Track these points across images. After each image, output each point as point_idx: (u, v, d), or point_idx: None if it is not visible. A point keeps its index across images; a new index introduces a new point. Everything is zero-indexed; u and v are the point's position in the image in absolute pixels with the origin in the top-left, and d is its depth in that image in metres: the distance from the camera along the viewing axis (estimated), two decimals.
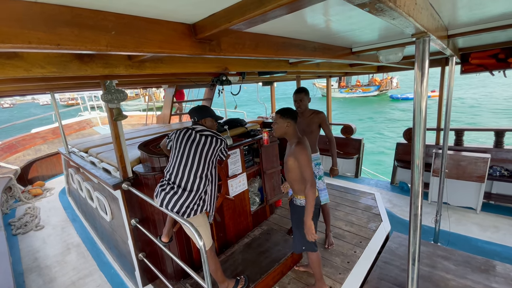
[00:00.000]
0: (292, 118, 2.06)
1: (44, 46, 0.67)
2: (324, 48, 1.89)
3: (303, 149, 1.96)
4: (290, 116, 2.05)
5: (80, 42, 0.73)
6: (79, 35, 0.73)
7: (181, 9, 0.84)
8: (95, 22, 0.75)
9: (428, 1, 1.06)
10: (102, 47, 0.77)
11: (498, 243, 3.15)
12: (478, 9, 1.37)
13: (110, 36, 0.79)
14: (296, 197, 2.19)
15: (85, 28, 0.74)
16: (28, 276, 3.24)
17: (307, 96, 2.81)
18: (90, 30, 0.75)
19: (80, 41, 0.73)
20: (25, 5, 0.66)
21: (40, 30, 0.67)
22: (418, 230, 1.32)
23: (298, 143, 2.01)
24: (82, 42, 0.73)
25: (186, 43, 0.99)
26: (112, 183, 2.44)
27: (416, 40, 1.14)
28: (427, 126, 1.28)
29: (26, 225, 4.39)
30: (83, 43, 0.73)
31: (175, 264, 2.65)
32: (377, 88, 27.79)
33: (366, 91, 28.10)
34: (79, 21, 0.72)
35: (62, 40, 0.69)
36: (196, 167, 1.94)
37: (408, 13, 0.76)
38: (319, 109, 2.89)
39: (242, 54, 1.23)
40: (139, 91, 18.61)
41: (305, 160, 1.94)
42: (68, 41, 0.71)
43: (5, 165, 5.86)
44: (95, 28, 0.76)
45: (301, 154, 1.95)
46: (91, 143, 3.97)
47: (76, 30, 0.72)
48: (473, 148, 4.13)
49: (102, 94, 2.16)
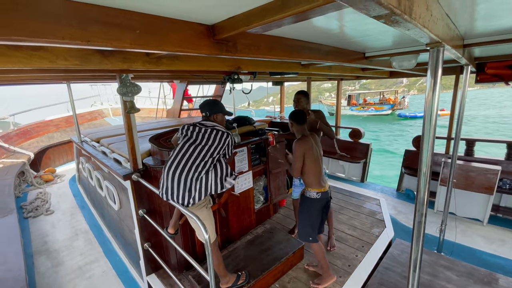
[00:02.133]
0: (293, 119, 2.38)
1: (76, 42, 0.72)
2: (338, 52, 1.90)
3: (296, 144, 2.27)
4: (292, 118, 2.40)
5: (107, 39, 0.77)
6: (107, 33, 0.77)
7: (202, 10, 0.88)
8: (122, 20, 0.80)
9: (444, 11, 1.06)
10: (127, 45, 0.82)
11: (503, 257, 3.11)
12: (494, 20, 1.37)
13: (135, 35, 0.83)
14: (307, 189, 2.37)
15: (112, 26, 0.78)
16: (37, 258, 3.37)
17: (305, 98, 2.99)
18: (116, 28, 0.79)
19: (107, 38, 0.77)
20: (60, 3, 0.70)
21: (73, 27, 0.71)
22: (421, 238, 1.34)
23: (297, 140, 2.31)
24: (109, 40, 0.78)
25: (205, 43, 1.03)
26: (122, 173, 2.52)
27: (430, 50, 1.15)
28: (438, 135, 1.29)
29: (37, 209, 4.55)
30: (110, 40, 0.78)
31: (179, 256, 2.72)
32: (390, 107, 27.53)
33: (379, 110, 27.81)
34: (108, 20, 0.77)
35: (92, 37, 0.74)
36: (201, 159, 1.94)
37: (423, 25, 0.78)
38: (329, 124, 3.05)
39: (257, 56, 1.26)
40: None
41: (295, 153, 2.27)
42: (97, 38, 0.75)
43: (20, 150, 6.06)
44: (121, 27, 0.80)
45: (294, 148, 2.27)
46: (103, 133, 4.08)
47: (104, 28, 0.76)
48: (483, 159, 4.06)
49: (118, 87, 2.23)
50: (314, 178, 2.31)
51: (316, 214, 2.38)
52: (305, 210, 2.41)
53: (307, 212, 2.39)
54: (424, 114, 1.24)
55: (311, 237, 2.40)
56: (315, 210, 2.37)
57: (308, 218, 2.39)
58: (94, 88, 9.75)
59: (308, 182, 2.35)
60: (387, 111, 27.59)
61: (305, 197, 2.40)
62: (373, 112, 27.97)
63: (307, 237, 2.41)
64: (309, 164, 2.28)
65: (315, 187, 2.32)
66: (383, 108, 27.71)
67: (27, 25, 0.65)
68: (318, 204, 2.35)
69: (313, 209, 2.37)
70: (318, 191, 2.32)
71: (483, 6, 1.10)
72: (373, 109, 28.03)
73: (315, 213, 2.38)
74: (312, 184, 2.32)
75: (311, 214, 2.38)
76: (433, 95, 1.19)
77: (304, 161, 2.27)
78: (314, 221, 2.39)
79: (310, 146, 2.28)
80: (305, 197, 2.41)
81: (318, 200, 2.33)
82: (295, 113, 2.40)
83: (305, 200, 2.40)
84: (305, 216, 2.41)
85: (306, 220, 2.41)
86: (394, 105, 27.59)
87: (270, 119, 6.02)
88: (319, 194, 2.32)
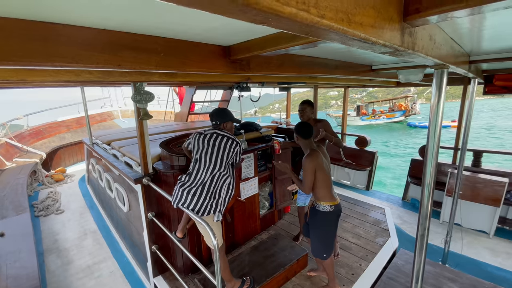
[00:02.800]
0: (298, 133, 2.31)
1: (108, 66, 0.80)
2: (345, 65, 1.96)
3: (306, 161, 2.21)
4: (297, 131, 2.33)
5: (136, 63, 0.85)
6: (136, 57, 0.85)
7: (221, 37, 0.96)
8: (148, 45, 0.88)
9: (449, 36, 1.12)
10: (152, 67, 0.90)
11: (509, 270, 3.08)
12: (500, 42, 1.41)
13: (160, 58, 0.91)
14: (319, 202, 2.29)
15: (140, 51, 0.86)
16: (48, 256, 3.47)
17: (310, 108, 2.99)
18: (144, 52, 0.87)
19: (136, 62, 0.85)
20: (96, 31, 0.79)
21: (106, 53, 0.80)
22: (423, 250, 1.37)
23: (306, 155, 2.24)
24: (137, 63, 0.86)
25: (221, 63, 1.10)
26: (133, 177, 2.60)
27: (435, 70, 1.20)
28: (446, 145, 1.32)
29: (48, 208, 4.69)
30: (138, 64, 0.86)
31: (185, 259, 2.78)
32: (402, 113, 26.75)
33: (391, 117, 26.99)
34: (136, 45, 0.85)
35: (123, 62, 0.82)
36: (213, 168, 2.04)
37: (426, 53, 0.83)
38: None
39: (267, 72, 1.34)
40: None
41: (305, 169, 2.21)
42: (127, 62, 0.83)
43: (33, 150, 6.25)
44: (148, 51, 0.88)
45: (304, 164, 2.22)
46: (114, 136, 4.20)
47: (134, 52, 0.84)
48: (491, 170, 4.03)
49: (133, 94, 2.32)
50: (327, 191, 2.25)
51: (331, 228, 2.31)
52: (318, 225, 2.31)
53: (321, 227, 2.30)
54: (429, 128, 1.28)
55: (325, 254, 2.31)
56: (330, 224, 2.29)
57: (323, 234, 2.31)
58: (105, 90, 9.97)
59: (320, 195, 2.27)
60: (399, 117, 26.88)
61: (318, 211, 2.29)
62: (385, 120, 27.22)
63: (321, 254, 2.33)
64: (320, 178, 2.23)
65: (328, 200, 2.25)
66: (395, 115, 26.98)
67: (68, 53, 0.73)
68: (332, 217, 2.27)
69: (327, 223, 2.29)
70: (332, 204, 2.25)
71: (488, 32, 1.15)
72: (385, 117, 27.31)
73: (329, 228, 2.31)
74: (325, 198, 2.25)
75: (326, 229, 2.30)
76: (437, 109, 1.23)
77: (315, 176, 2.21)
78: (329, 236, 2.32)
79: (321, 161, 2.22)
80: (317, 211, 2.30)
81: (331, 213, 2.25)
82: (300, 126, 2.32)
83: (318, 214, 2.29)
84: (318, 232, 2.33)
85: (321, 236, 2.32)
86: (406, 111, 26.90)
87: (276, 125, 6.08)
88: (332, 207, 2.25)
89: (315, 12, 0.33)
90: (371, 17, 0.46)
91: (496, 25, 1.11)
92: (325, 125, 2.99)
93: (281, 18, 0.30)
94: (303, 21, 0.32)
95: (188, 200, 2.01)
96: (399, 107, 27.42)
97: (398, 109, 27.30)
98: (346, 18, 0.39)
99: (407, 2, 0.57)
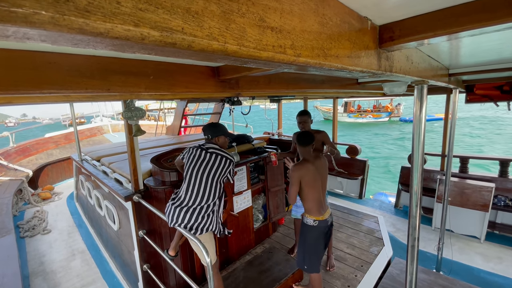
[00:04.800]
0: (297, 141, 2.29)
1: (98, 91, 0.81)
2: (332, 80, 2.03)
3: (292, 170, 2.23)
4: (296, 138, 2.31)
5: (125, 86, 0.87)
6: (125, 81, 0.87)
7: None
8: (138, 69, 0.90)
9: (426, 55, 1.18)
10: (141, 90, 0.91)
11: (501, 275, 3.13)
12: (477, 58, 1.50)
13: (149, 80, 0.93)
14: (305, 215, 2.30)
15: (130, 75, 0.88)
16: (34, 280, 3.32)
17: (310, 118, 3.04)
18: (134, 76, 0.89)
19: (125, 86, 0.87)
20: (85, 58, 0.80)
21: (95, 79, 0.81)
22: (415, 260, 1.39)
23: (294, 165, 2.26)
24: (127, 87, 0.87)
25: (210, 83, 1.13)
26: (124, 194, 2.55)
27: (415, 86, 1.26)
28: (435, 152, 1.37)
29: (33, 228, 4.51)
30: (127, 87, 0.87)
31: (178, 278, 2.71)
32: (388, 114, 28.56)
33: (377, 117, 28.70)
34: (126, 70, 0.87)
35: (112, 86, 0.83)
36: (205, 186, 2.05)
37: (404, 73, 0.88)
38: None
39: (256, 90, 1.37)
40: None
41: (290, 179, 2.22)
42: (116, 86, 0.85)
43: (19, 168, 6.06)
44: (137, 75, 0.90)
45: (289, 173, 2.24)
46: (104, 152, 4.13)
47: (123, 77, 0.86)
48: (478, 176, 4.15)
49: (123, 111, 2.32)
50: (312, 204, 2.23)
51: (313, 242, 2.27)
52: (302, 237, 2.33)
53: (304, 240, 2.31)
54: (413, 138, 1.32)
55: (306, 266, 2.30)
56: (312, 238, 2.27)
57: (304, 246, 2.31)
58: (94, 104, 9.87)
59: (306, 208, 2.28)
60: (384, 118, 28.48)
61: (303, 223, 2.32)
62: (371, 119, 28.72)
63: (302, 265, 2.35)
64: (306, 190, 2.20)
65: (313, 214, 2.24)
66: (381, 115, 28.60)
67: (57, 80, 0.74)
68: (314, 232, 2.25)
69: (309, 237, 2.28)
70: (315, 219, 2.23)
71: (464, 50, 1.22)
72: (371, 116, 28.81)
73: (311, 241, 2.28)
74: (310, 211, 2.25)
75: (307, 243, 2.29)
76: (420, 120, 1.27)
77: (301, 187, 2.20)
78: (311, 250, 2.29)
79: (307, 171, 2.19)
80: (303, 223, 2.33)
81: (314, 228, 2.24)
82: (300, 134, 2.32)
83: (303, 226, 2.32)
84: (301, 243, 2.34)
85: (302, 247, 2.33)
86: (391, 112, 28.51)
87: (268, 136, 6.12)
88: (316, 222, 2.23)
89: (291, 53, 0.36)
90: (346, 49, 0.49)
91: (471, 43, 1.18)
92: (324, 137, 2.99)
93: (260, 61, 0.32)
94: (280, 61, 0.35)
95: (180, 217, 2.00)
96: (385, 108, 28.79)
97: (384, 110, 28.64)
98: (322, 53, 0.42)
99: (381, 31, 0.61)
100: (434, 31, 0.56)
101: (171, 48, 0.29)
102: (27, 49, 0.71)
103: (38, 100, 1.23)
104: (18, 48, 0.72)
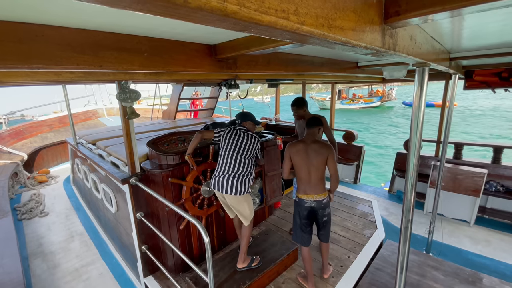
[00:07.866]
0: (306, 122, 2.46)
1: (89, 67, 0.77)
2: (331, 62, 1.99)
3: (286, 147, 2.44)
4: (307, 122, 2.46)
5: (118, 63, 0.83)
6: (118, 57, 0.83)
7: (206, 35, 0.94)
8: (132, 45, 0.86)
9: (429, 35, 1.15)
10: (135, 67, 0.88)
11: (488, 257, 3.26)
12: (479, 40, 1.47)
13: (143, 57, 0.89)
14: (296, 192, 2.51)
15: (123, 51, 0.84)
16: (33, 261, 3.37)
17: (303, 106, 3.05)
18: (127, 52, 0.85)
19: (118, 63, 0.83)
20: (76, 31, 0.76)
21: (86, 54, 0.77)
22: (407, 242, 1.43)
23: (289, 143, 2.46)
24: (120, 64, 0.83)
25: (207, 62, 1.09)
26: (120, 177, 2.55)
27: (416, 68, 1.24)
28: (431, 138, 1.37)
29: (31, 211, 4.53)
30: (120, 64, 0.84)
31: (176, 258, 2.77)
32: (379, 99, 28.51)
33: (369, 102, 28.72)
34: (119, 45, 0.83)
35: (104, 62, 0.80)
36: (242, 156, 2.41)
37: (407, 53, 0.86)
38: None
39: (254, 71, 1.33)
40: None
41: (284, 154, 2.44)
42: (109, 63, 0.81)
43: (14, 151, 6.00)
44: (131, 51, 0.86)
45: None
46: (99, 135, 4.09)
47: (115, 53, 0.82)
48: (471, 162, 4.21)
49: (117, 93, 2.26)
50: (299, 184, 2.42)
51: (296, 217, 2.50)
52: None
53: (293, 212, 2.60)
54: (411, 123, 1.32)
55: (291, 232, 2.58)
56: (295, 213, 2.51)
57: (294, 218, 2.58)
58: (88, 87, 9.64)
59: (297, 185, 2.49)
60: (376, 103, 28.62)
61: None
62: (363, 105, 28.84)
63: (293, 235, 2.60)
64: (296, 169, 2.41)
65: (298, 192, 2.44)
66: (372, 100, 28.71)
67: (46, 54, 0.70)
68: (296, 207, 2.49)
69: (294, 211, 2.53)
70: (298, 197, 2.44)
71: (466, 31, 1.19)
72: (363, 102, 28.93)
73: (295, 216, 2.52)
74: (298, 189, 2.46)
75: (294, 216, 2.56)
76: (419, 105, 1.27)
77: (293, 165, 2.40)
78: (295, 223, 2.53)
79: (297, 151, 2.36)
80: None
81: (296, 203, 2.48)
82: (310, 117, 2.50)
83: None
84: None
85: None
86: (382, 97, 28.51)
87: (265, 121, 6.09)
88: (297, 198, 2.45)
89: (295, 19, 0.33)
90: (351, 21, 0.47)
91: (474, 25, 1.15)
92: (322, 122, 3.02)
93: (261, 26, 0.30)
94: (283, 28, 0.33)
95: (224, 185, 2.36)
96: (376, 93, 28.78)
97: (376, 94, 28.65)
98: (326, 23, 0.40)
99: (387, 5, 0.58)
100: (443, 5, 0.53)
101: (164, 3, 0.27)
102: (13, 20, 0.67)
103: (28, 79, 1.18)
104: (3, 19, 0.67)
